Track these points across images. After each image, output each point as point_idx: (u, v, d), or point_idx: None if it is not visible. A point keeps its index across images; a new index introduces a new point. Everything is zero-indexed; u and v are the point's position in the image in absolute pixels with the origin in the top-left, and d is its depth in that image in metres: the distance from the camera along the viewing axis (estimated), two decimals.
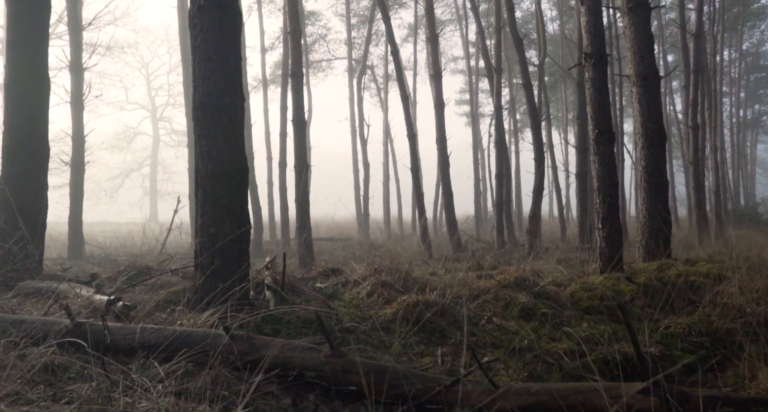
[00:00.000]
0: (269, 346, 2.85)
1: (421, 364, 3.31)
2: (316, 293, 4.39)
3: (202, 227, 3.83)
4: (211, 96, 3.78)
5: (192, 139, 3.82)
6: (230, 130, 3.84)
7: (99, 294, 3.91)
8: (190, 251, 16.38)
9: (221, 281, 3.73)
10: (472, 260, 6.19)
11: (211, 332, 2.90)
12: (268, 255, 11.62)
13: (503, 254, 9.48)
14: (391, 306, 4.07)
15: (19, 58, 5.21)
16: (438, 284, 4.70)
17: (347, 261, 8.86)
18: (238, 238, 3.85)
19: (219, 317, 3.09)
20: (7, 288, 4.65)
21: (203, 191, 3.84)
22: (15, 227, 4.98)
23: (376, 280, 4.50)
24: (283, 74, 16.37)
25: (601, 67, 4.93)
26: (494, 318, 3.98)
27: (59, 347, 2.63)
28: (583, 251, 10.56)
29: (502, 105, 18.55)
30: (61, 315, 3.32)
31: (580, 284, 4.54)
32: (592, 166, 5.02)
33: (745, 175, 40.42)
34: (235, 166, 3.86)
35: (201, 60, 3.81)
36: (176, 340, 2.84)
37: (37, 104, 5.29)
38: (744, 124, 40.86)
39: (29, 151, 5.18)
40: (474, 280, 5.03)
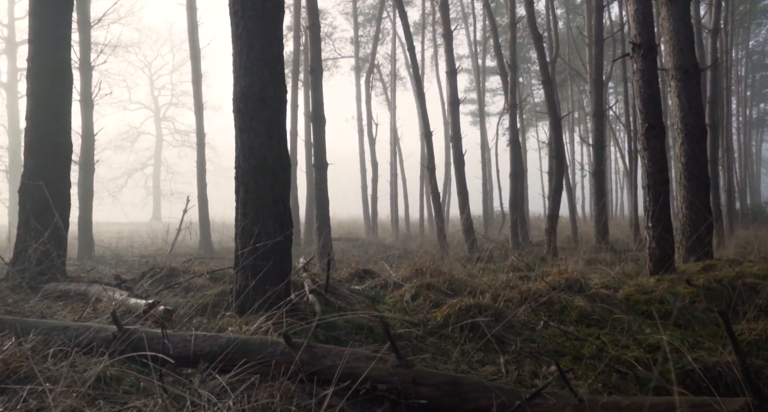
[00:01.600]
0: (331, 355, 2.63)
1: (484, 373, 3.09)
2: (359, 295, 4.17)
3: (244, 226, 3.61)
4: (254, 87, 3.56)
5: (234, 133, 3.59)
6: (273, 123, 3.62)
7: (134, 298, 3.69)
8: (200, 250, 16.11)
9: (265, 285, 3.51)
10: (509, 261, 5.96)
11: (268, 340, 2.68)
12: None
13: (527, 255, 9.26)
14: (440, 310, 3.85)
15: (42, 51, 4.99)
16: (482, 286, 4.49)
17: (372, 261, 8.64)
18: (282, 239, 3.63)
19: (273, 323, 2.87)
20: (32, 290, 4.44)
21: (245, 189, 3.62)
22: (38, 226, 4.76)
23: (420, 282, 4.27)
24: (294, 71, 16.17)
25: (651, 57, 4.71)
26: (551, 323, 3.76)
27: (109, 356, 2.40)
28: (606, 251, 10.34)
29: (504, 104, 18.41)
30: (102, 320, 3.10)
31: (634, 287, 4.32)
32: (640, 163, 4.81)
33: (751, 175, 40.19)
34: (278, 162, 3.64)
35: (242, 49, 3.59)
36: (231, 348, 2.62)
37: (59, 98, 5.07)
38: (749, 124, 40.62)
39: (52, 147, 4.96)
40: (516, 281, 4.81)
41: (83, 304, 4.04)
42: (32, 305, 3.91)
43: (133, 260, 12.65)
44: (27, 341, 2.46)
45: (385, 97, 29.87)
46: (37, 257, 4.55)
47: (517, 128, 15.20)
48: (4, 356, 2.21)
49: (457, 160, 13.46)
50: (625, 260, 8.24)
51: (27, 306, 3.85)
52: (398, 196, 25.44)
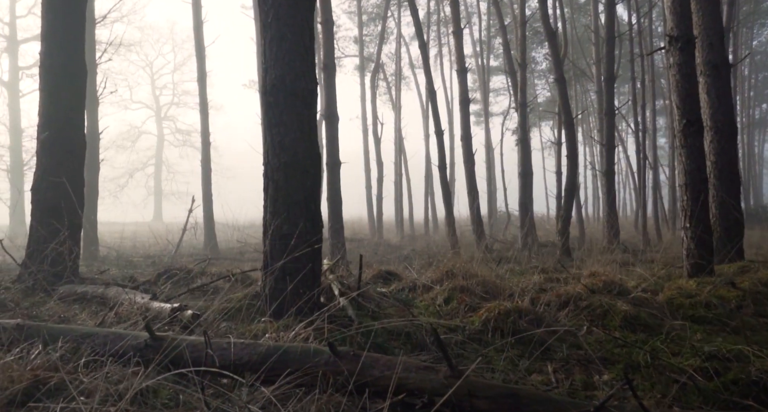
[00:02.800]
0: (379, 365, 2.45)
1: (533, 382, 2.91)
2: (388, 298, 3.98)
3: (274, 226, 3.42)
4: (285, 79, 3.38)
5: (262, 128, 3.40)
6: (304, 117, 3.44)
7: (157, 301, 3.50)
8: (204, 250, 15.90)
9: (296, 288, 3.33)
10: (532, 262, 5.78)
11: (311, 349, 2.49)
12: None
13: (543, 255, 9.08)
14: (477, 314, 3.66)
15: (56, 44, 4.80)
16: (515, 289, 4.30)
17: (384, 262, 8.46)
18: (313, 239, 3.45)
19: (313, 329, 2.68)
20: (46, 293, 4.25)
21: (274, 186, 3.43)
22: (51, 226, 4.57)
23: (452, 285, 4.09)
24: None
25: (689, 51, 4.53)
26: (594, 328, 3.58)
27: (145, 366, 2.22)
28: (619, 252, 10.15)
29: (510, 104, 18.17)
30: (128, 326, 2.92)
31: (675, 290, 4.14)
32: (678, 160, 4.64)
33: (753, 176, 40.04)
34: (309, 158, 3.45)
35: (273, 39, 3.40)
36: (271, 357, 2.44)
37: (73, 94, 4.88)
38: (752, 124, 40.47)
39: (66, 144, 4.77)
40: (548, 283, 4.63)
41: (102, 307, 3.86)
42: (49, 308, 3.72)
43: (139, 261, 12.46)
44: (55, 349, 2.27)
45: (389, 96, 29.68)
46: (52, 258, 4.36)
47: (527, 127, 15.03)
48: (33, 367, 2.02)
49: (467, 159, 13.28)
50: (642, 262, 8.06)
51: (44, 309, 3.67)
52: (403, 197, 25.25)
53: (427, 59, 11.89)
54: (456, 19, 13.12)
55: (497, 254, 11.44)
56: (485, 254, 10.91)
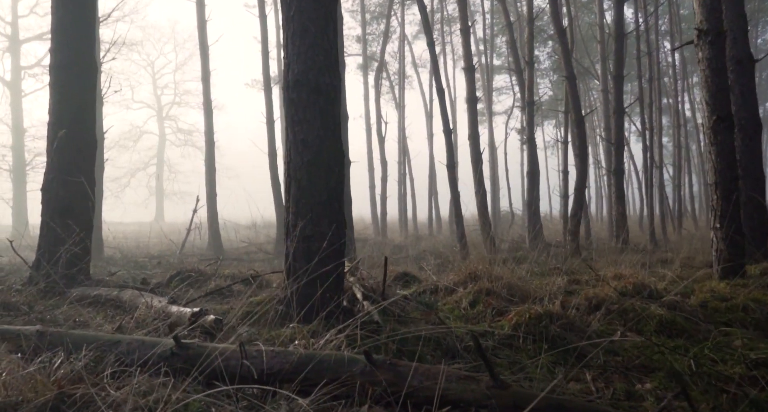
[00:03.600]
0: (418, 375, 2.32)
1: (572, 391, 2.78)
2: (411, 301, 3.85)
3: (296, 227, 3.29)
4: (308, 74, 3.24)
5: (285, 125, 3.28)
6: (328, 114, 3.31)
7: (175, 305, 3.37)
8: (209, 250, 15.74)
9: (322, 292, 3.20)
10: (551, 263, 5.64)
11: (345, 357, 2.36)
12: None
13: (558, 255, 8.94)
14: (506, 318, 3.53)
15: (66, 40, 4.67)
16: (540, 292, 4.17)
17: (393, 263, 8.32)
18: (337, 241, 3.32)
19: (346, 335, 2.55)
20: (58, 295, 4.12)
21: (297, 186, 3.30)
22: (63, 226, 4.45)
23: (477, 287, 3.96)
24: None
25: (719, 45, 4.39)
26: (628, 333, 3.45)
27: (171, 375, 2.09)
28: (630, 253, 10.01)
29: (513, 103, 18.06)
30: (149, 332, 2.79)
31: (708, 293, 4.01)
32: (708, 157, 4.50)
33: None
34: (333, 156, 3.32)
35: (296, 32, 3.27)
36: (304, 366, 2.31)
37: (83, 91, 4.75)
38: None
39: (77, 143, 4.65)
40: (573, 286, 4.50)
41: (117, 311, 3.73)
42: (63, 311, 3.59)
43: (144, 261, 12.33)
44: (78, 358, 2.15)
45: (392, 95, 29.56)
46: (64, 259, 4.23)
47: (534, 126, 14.90)
48: (57, 378, 1.89)
49: (475, 158, 13.15)
50: (660, 262, 7.92)
51: (58, 313, 3.54)
52: (406, 196, 25.12)
53: (435, 57, 11.75)
54: (463, 17, 12.97)
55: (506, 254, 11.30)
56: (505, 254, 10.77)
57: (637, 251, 10.62)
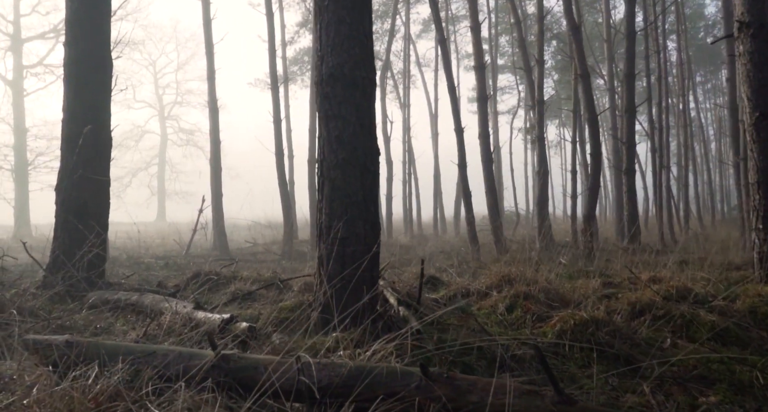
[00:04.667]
0: (477, 389, 2.14)
1: (629, 404, 2.61)
2: (446, 306, 3.68)
3: (330, 229, 3.12)
4: (344, 67, 3.07)
5: (318, 122, 3.10)
6: (364, 109, 3.14)
7: (202, 311, 3.20)
8: (214, 251, 15.54)
9: (356, 297, 3.03)
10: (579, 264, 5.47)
11: (397, 370, 2.19)
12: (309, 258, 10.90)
13: (575, 256, 8.76)
14: (548, 325, 3.36)
15: (81, 34, 4.50)
16: (576, 296, 4.00)
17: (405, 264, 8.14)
18: (372, 243, 3.15)
19: (395, 346, 2.38)
20: (73, 299, 3.95)
21: (331, 185, 3.13)
22: (77, 228, 4.27)
23: (515, 291, 3.78)
24: (313, 67, 15.66)
25: (763, 37, 4.19)
26: (678, 340, 3.28)
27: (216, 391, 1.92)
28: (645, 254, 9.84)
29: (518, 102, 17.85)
30: (179, 341, 2.62)
31: (755, 297, 3.83)
32: (749, 155, 4.33)
33: None
34: (369, 154, 3.15)
35: (330, 23, 3.10)
36: (354, 379, 2.14)
37: (98, 87, 4.58)
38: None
39: (91, 141, 4.47)
40: (609, 289, 4.32)
41: (137, 316, 3.56)
42: (82, 317, 3.42)
43: (151, 262, 12.16)
44: (114, 370, 1.98)
45: (396, 94, 29.38)
46: (79, 262, 4.06)
47: (543, 125, 14.73)
48: (94, 394, 1.72)
49: (486, 158, 12.97)
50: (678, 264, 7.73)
51: (78, 319, 3.37)
52: (412, 196, 24.96)
53: (448, 54, 11.59)
54: (474, 14, 12.80)
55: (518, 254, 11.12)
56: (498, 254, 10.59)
57: (650, 251, 10.46)
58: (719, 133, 37.09)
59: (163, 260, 12.67)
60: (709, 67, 38.53)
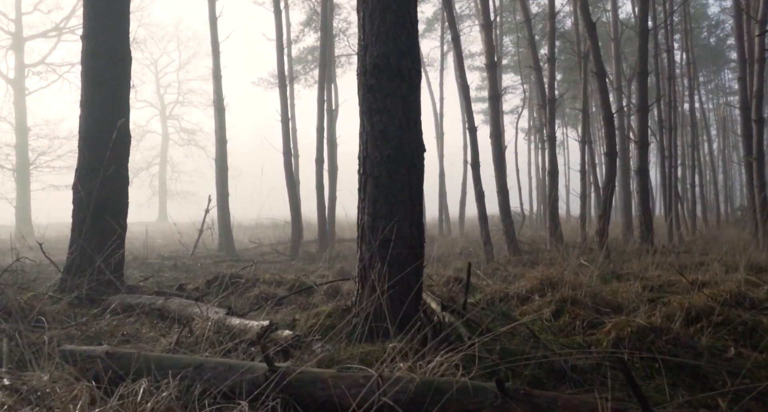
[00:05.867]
0: (557, 407, 1.95)
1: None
2: (488, 311, 3.49)
3: (373, 230, 2.93)
4: (389, 57, 2.88)
5: (360, 116, 2.91)
6: (410, 103, 2.94)
7: (236, 317, 3.01)
8: (220, 251, 15.33)
9: (400, 302, 2.84)
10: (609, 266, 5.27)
11: (468, 385, 1.99)
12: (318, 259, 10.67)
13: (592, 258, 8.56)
14: (601, 332, 3.17)
15: (101, 26, 4.30)
16: (623, 301, 3.81)
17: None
18: (418, 244, 2.96)
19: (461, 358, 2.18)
20: (93, 303, 3.75)
21: (375, 183, 2.94)
22: (96, 226, 4.07)
23: (560, 295, 3.59)
24: (321, 65, 15.48)
25: None
26: (742, 350, 3.08)
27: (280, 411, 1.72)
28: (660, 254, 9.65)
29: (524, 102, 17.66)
30: (221, 352, 2.42)
31: None
32: None
33: None
34: (416, 150, 2.96)
35: (375, 10, 2.90)
36: (422, 396, 1.94)
37: (117, 82, 4.39)
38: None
39: (110, 138, 4.28)
40: (651, 293, 4.13)
41: (162, 321, 3.36)
42: (107, 323, 3.22)
43: (158, 263, 11.96)
44: (163, 384, 1.78)
45: None
46: (101, 265, 3.86)
47: (555, 124, 14.55)
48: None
49: (498, 157, 12.79)
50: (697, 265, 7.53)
51: (102, 325, 3.17)
52: None
53: (460, 53, 11.41)
54: (486, 11, 12.61)
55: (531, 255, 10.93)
56: (510, 255, 10.40)
57: (665, 252, 10.27)
58: (722, 133, 36.96)
59: (170, 260, 12.48)
60: (712, 67, 38.38)
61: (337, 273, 7.66)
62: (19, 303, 3.05)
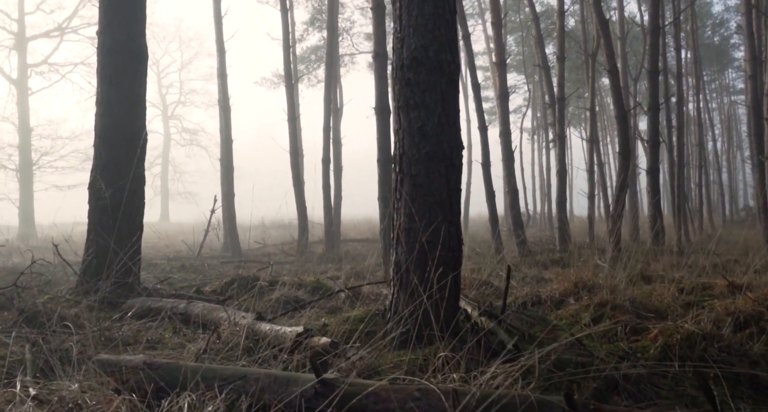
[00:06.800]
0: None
1: None
2: (522, 316, 3.35)
3: (410, 231, 2.79)
4: (428, 50, 2.74)
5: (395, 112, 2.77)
6: (449, 98, 2.80)
7: (267, 323, 2.87)
8: (226, 252, 15.20)
9: (439, 307, 2.70)
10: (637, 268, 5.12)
11: (532, 399, 1.85)
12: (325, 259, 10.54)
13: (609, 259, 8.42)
14: (647, 338, 3.03)
15: (117, 21, 4.16)
16: (660, 305, 3.67)
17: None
18: (456, 247, 2.82)
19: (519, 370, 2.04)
20: (112, 307, 3.61)
21: (412, 183, 2.79)
22: (112, 228, 3.94)
23: (599, 299, 3.45)
24: (327, 64, 15.35)
25: None
26: None
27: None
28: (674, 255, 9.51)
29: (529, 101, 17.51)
30: (258, 361, 2.28)
31: None
32: None
33: None
34: (455, 148, 2.82)
35: (412, 1, 2.76)
36: (484, 411, 1.80)
37: (134, 79, 4.25)
38: None
39: (127, 137, 4.14)
40: (686, 297, 3.99)
41: (187, 327, 3.22)
42: (130, 328, 3.08)
43: (163, 264, 11.83)
44: (207, 398, 1.64)
45: None
46: (118, 267, 3.72)
47: (564, 123, 14.40)
48: None
49: (507, 156, 12.66)
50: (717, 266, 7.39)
51: (125, 330, 3.03)
52: None
53: (471, 52, 11.27)
54: (496, 9, 12.49)
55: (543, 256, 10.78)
56: (520, 255, 10.25)
57: (680, 253, 10.12)
58: (727, 132, 36.81)
59: (176, 261, 12.35)
60: (716, 66, 38.24)
61: (348, 274, 7.52)
62: (38, 307, 2.91)
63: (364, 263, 9.72)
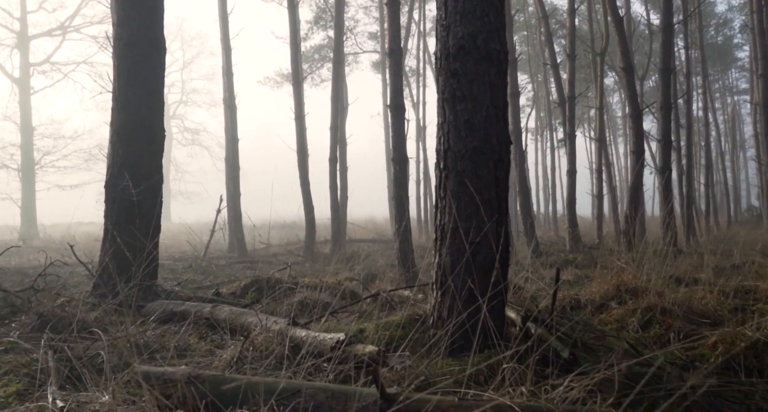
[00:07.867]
0: None
1: None
2: (569, 322, 3.16)
3: (456, 231, 2.61)
4: (476, 38, 2.56)
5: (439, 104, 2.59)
6: (498, 89, 2.63)
7: (301, 329, 2.69)
8: (232, 252, 15.00)
9: (490, 313, 2.52)
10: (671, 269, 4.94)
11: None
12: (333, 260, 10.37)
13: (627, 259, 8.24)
14: (705, 346, 2.85)
15: (135, 14, 3.99)
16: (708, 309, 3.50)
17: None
18: (506, 248, 2.64)
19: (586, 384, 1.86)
20: (135, 310, 3.43)
21: (457, 180, 2.62)
22: (130, 229, 3.76)
23: (646, 303, 3.27)
24: (335, 62, 15.18)
25: None
26: None
27: None
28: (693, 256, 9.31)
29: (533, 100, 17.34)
30: (303, 373, 2.11)
31: None
32: None
33: None
34: (504, 143, 2.64)
35: None
36: None
37: (152, 73, 4.08)
38: None
39: (145, 133, 3.97)
40: (731, 300, 3.81)
41: (213, 332, 3.05)
42: (156, 334, 2.91)
43: (170, 264, 11.67)
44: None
45: (408, 92, 28.89)
46: (140, 269, 3.54)
47: (574, 123, 14.23)
48: None
49: (519, 155, 12.50)
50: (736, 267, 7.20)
51: (151, 336, 2.86)
52: (426, 196, 24.50)
53: None
54: (508, 5, 12.31)
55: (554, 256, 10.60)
56: (532, 255, 10.08)
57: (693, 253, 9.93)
58: (731, 132, 36.63)
59: (182, 262, 12.20)
60: (719, 66, 38.08)
61: (364, 275, 7.37)
62: (57, 311, 2.74)
63: (375, 263, 9.56)
